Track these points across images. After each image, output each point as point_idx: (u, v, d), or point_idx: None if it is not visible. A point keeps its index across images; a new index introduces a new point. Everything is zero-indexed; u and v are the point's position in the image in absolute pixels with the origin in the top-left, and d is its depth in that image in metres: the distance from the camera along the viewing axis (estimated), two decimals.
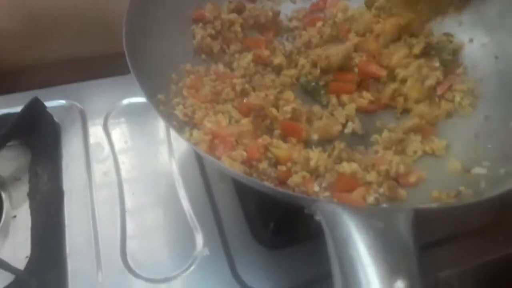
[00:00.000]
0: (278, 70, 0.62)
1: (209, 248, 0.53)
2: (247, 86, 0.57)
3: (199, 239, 0.54)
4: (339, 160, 0.52)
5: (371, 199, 0.47)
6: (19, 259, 0.51)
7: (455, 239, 0.55)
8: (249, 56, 0.60)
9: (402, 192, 0.49)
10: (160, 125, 0.66)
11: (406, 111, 0.59)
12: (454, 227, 0.56)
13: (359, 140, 0.57)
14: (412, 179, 0.51)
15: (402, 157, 0.53)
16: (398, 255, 0.31)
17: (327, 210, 0.34)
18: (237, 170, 0.46)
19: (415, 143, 0.55)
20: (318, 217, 0.35)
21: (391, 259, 0.30)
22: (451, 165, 0.52)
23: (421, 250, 0.33)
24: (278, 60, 0.62)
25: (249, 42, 0.63)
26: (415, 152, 0.54)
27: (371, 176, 0.50)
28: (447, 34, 0.61)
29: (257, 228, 0.55)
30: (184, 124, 0.52)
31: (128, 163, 0.61)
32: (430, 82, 0.57)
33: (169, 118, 0.50)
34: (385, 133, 0.56)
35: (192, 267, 0.52)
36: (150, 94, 0.47)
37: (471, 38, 0.60)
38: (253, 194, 0.56)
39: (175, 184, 0.59)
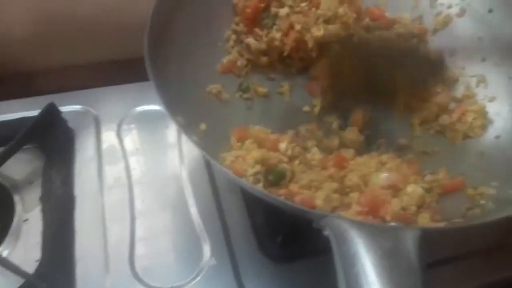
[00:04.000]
0: None
1: (216, 258, 0.53)
2: None
3: (206, 249, 0.54)
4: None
5: None
6: (29, 262, 0.52)
7: (459, 259, 0.55)
8: None
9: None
10: (172, 133, 0.66)
11: None
12: (458, 247, 0.55)
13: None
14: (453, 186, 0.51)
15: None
16: (404, 275, 0.31)
17: (335, 226, 0.34)
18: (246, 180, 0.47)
19: None
20: (326, 232, 0.35)
21: (397, 278, 0.31)
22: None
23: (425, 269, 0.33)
24: None
25: None
26: None
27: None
28: None
29: (265, 241, 0.55)
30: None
31: (140, 169, 0.62)
32: None
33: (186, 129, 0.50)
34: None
35: (199, 277, 0.52)
36: (170, 105, 0.46)
37: (484, 58, 0.60)
38: (261, 206, 0.56)
39: (184, 192, 0.60)
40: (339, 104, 0.61)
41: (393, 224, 0.43)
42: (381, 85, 0.61)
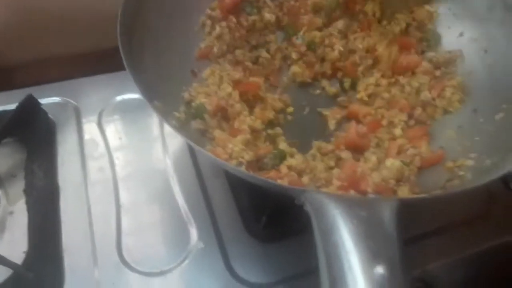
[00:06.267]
0: None
1: (203, 241, 0.54)
2: None
3: (194, 233, 0.55)
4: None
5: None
6: (16, 254, 0.52)
7: (443, 232, 0.56)
8: None
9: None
10: (154, 121, 0.66)
11: None
12: (441, 219, 0.56)
13: None
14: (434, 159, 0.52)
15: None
16: (380, 242, 0.32)
17: (314, 200, 0.35)
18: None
19: None
20: (306, 207, 0.36)
21: (373, 246, 0.31)
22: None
23: (409, 242, 0.33)
24: None
25: None
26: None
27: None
28: None
29: (250, 222, 0.56)
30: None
31: (123, 159, 0.62)
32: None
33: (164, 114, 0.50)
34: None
35: (187, 260, 0.53)
36: (147, 92, 0.47)
37: (461, 32, 0.61)
38: (246, 189, 0.57)
39: (169, 180, 0.60)
40: None
41: (371, 196, 0.44)
42: None
